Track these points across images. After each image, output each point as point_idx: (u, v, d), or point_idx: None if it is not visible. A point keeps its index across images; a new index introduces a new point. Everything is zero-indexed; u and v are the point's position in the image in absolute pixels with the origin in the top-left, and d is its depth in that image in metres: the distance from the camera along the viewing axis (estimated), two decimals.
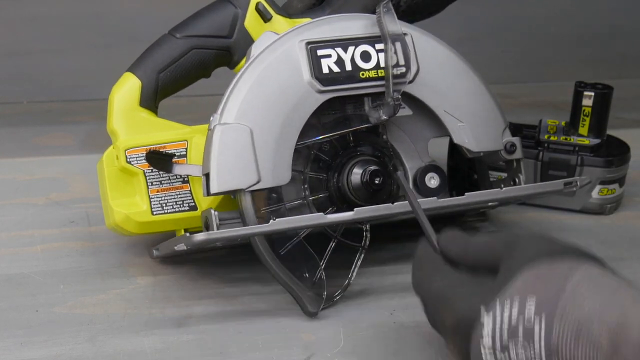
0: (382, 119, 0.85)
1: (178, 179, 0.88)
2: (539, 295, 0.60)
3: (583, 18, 1.55)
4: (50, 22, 1.37)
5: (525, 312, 0.60)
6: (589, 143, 1.04)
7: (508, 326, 0.61)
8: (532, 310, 0.60)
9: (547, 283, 0.61)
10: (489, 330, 0.62)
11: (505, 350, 0.61)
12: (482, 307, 0.62)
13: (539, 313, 0.59)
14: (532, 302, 0.60)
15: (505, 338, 0.61)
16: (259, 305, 0.85)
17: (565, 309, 0.59)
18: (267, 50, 0.83)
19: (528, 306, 0.60)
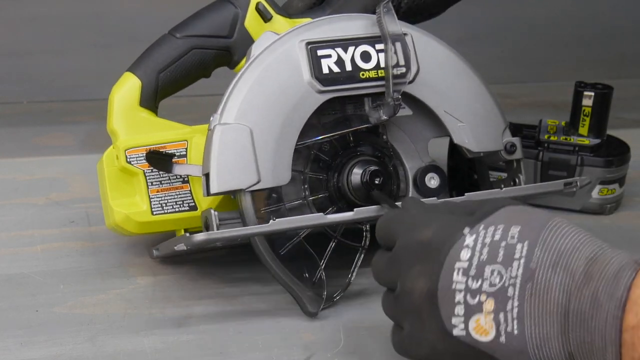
0: (382, 119, 0.85)
1: (178, 179, 0.88)
2: (523, 225, 0.61)
3: (583, 18, 1.55)
4: (50, 22, 1.37)
5: (507, 237, 0.60)
6: (589, 143, 1.04)
7: (488, 249, 0.61)
8: (515, 236, 0.60)
9: (531, 217, 0.62)
10: (468, 252, 0.61)
11: (479, 277, 0.60)
12: (467, 228, 0.62)
13: (521, 240, 0.60)
14: (516, 230, 0.61)
15: (484, 260, 0.60)
16: (259, 305, 0.85)
17: (547, 239, 0.60)
18: (267, 50, 0.83)
19: (512, 232, 0.61)
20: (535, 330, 0.59)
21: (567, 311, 0.59)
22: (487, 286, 0.60)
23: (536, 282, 0.59)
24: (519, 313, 0.59)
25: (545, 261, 0.59)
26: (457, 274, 0.61)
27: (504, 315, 0.60)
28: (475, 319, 0.61)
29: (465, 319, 0.61)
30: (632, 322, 0.56)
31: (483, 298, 0.60)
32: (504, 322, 0.60)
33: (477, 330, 0.61)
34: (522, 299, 0.59)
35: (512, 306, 0.60)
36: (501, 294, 0.60)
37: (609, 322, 0.57)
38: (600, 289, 0.57)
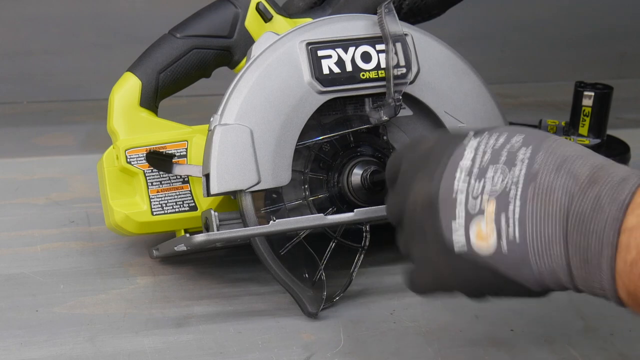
0: (382, 120, 0.85)
1: (178, 179, 0.88)
2: (527, 134, 0.59)
3: (583, 18, 1.55)
4: (50, 22, 1.37)
5: (511, 141, 0.59)
6: (589, 143, 1.04)
7: (492, 151, 0.59)
8: (520, 141, 0.59)
9: (533, 130, 0.60)
10: (471, 151, 0.60)
11: (482, 176, 0.59)
12: (471, 132, 0.61)
13: (525, 144, 0.59)
14: (520, 137, 0.59)
15: (487, 160, 0.59)
16: (259, 305, 0.85)
17: (551, 145, 0.58)
18: (267, 50, 0.83)
19: (516, 139, 0.59)
20: (536, 233, 0.57)
21: (567, 213, 0.56)
22: (489, 187, 0.58)
23: (539, 183, 0.57)
24: (521, 215, 0.57)
25: (549, 164, 0.57)
26: (460, 172, 0.60)
27: (505, 218, 0.58)
28: (476, 225, 0.58)
29: (466, 223, 0.59)
30: (632, 223, 0.54)
31: (485, 200, 0.58)
32: (505, 224, 0.58)
33: (479, 237, 0.58)
34: (524, 201, 0.57)
35: (513, 207, 0.57)
36: (503, 195, 0.58)
37: (609, 224, 0.55)
38: (604, 192, 0.55)
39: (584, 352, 0.79)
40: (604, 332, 0.81)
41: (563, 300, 0.85)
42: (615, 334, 0.81)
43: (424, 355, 0.78)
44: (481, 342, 0.80)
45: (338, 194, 0.85)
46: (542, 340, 0.80)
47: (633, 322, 0.82)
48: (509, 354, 0.78)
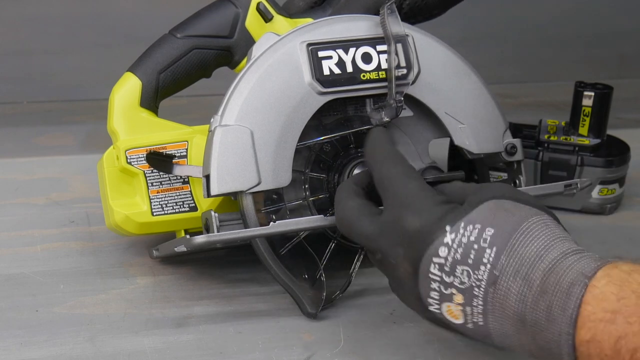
0: (383, 121, 0.85)
1: (178, 180, 0.88)
2: (497, 228, 0.65)
3: (583, 18, 1.55)
4: (50, 22, 1.37)
5: (480, 240, 0.65)
6: (589, 143, 1.04)
7: (463, 249, 0.65)
8: (487, 240, 0.65)
9: (507, 218, 0.66)
10: (445, 250, 0.66)
11: (452, 273, 0.66)
12: (448, 226, 0.66)
13: (491, 245, 0.65)
14: (489, 233, 0.65)
15: (457, 259, 0.65)
16: (259, 305, 0.85)
17: (514, 246, 0.64)
18: (268, 51, 0.83)
19: (485, 235, 0.65)
20: (497, 326, 0.65)
21: (524, 319, 0.63)
22: (457, 283, 0.66)
23: (498, 288, 0.64)
24: (484, 310, 0.65)
25: (507, 269, 0.64)
26: (434, 267, 0.66)
27: (470, 309, 0.66)
28: (447, 305, 0.67)
29: (439, 303, 0.67)
30: (586, 337, 0.60)
31: (454, 291, 0.66)
32: (470, 314, 0.66)
33: (449, 314, 0.67)
34: (485, 301, 0.65)
35: (477, 304, 0.65)
36: (468, 292, 0.65)
37: (563, 338, 0.61)
38: (554, 303, 0.61)
39: None
40: None
41: None
42: None
43: (424, 355, 0.78)
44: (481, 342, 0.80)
45: None
46: None
47: None
48: (509, 354, 0.78)
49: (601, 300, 0.60)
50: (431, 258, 0.67)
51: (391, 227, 0.70)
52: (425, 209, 0.68)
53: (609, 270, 0.61)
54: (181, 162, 0.87)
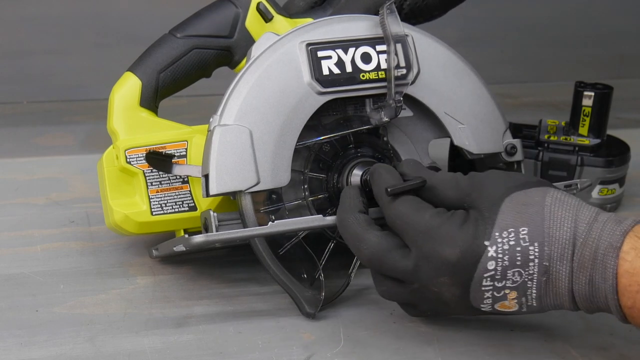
0: (383, 121, 0.85)
1: (178, 180, 0.88)
2: (529, 225, 0.71)
3: (583, 18, 1.55)
4: (50, 22, 1.37)
5: (520, 241, 0.71)
6: (589, 143, 1.04)
7: (508, 255, 0.71)
8: (526, 239, 0.71)
9: (530, 211, 0.72)
10: (493, 263, 0.71)
11: (504, 278, 0.71)
12: (486, 242, 0.71)
13: (532, 241, 0.71)
14: (525, 232, 0.71)
15: (506, 265, 0.71)
16: (259, 305, 0.85)
17: (550, 234, 0.71)
18: (267, 51, 0.83)
19: (522, 236, 0.71)
20: (550, 303, 0.73)
21: (572, 292, 0.71)
22: (510, 284, 0.72)
23: (550, 275, 0.71)
24: (538, 296, 0.72)
25: (554, 256, 0.71)
26: (486, 281, 0.72)
27: (525, 299, 0.72)
28: (500, 303, 0.73)
29: (492, 304, 0.73)
30: (628, 304, 0.69)
31: (507, 291, 0.72)
32: (524, 302, 0.73)
33: (502, 307, 0.73)
34: (539, 288, 0.72)
35: (531, 293, 0.72)
36: (522, 287, 0.72)
37: (610, 301, 0.70)
38: (595, 276, 0.70)
39: (584, 352, 0.79)
40: (604, 332, 0.81)
41: None
42: (615, 334, 0.81)
43: (424, 355, 0.78)
44: (481, 342, 0.80)
45: (337, 195, 0.85)
46: (542, 340, 0.80)
47: None
48: (509, 354, 0.78)
49: (633, 274, 0.69)
50: (482, 275, 0.72)
51: (427, 262, 0.73)
52: (454, 236, 0.72)
53: (635, 242, 0.69)
54: (180, 161, 0.87)
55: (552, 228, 0.71)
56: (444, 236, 0.72)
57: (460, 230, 0.72)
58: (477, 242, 0.71)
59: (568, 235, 0.71)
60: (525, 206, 0.72)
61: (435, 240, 0.73)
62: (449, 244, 0.72)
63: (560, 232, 0.71)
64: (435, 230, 0.73)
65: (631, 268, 0.69)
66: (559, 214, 0.71)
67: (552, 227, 0.71)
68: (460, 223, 0.73)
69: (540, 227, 0.71)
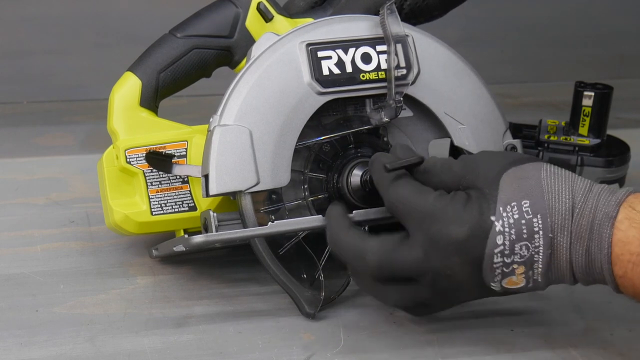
0: (383, 121, 0.85)
1: (178, 180, 0.88)
2: (530, 197, 0.72)
3: (583, 18, 1.55)
4: (50, 22, 1.37)
5: (524, 214, 0.72)
6: (589, 143, 1.03)
7: (515, 229, 0.72)
8: (529, 212, 0.72)
9: (529, 184, 0.73)
10: (501, 237, 0.72)
11: (512, 252, 0.72)
12: (492, 217, 0.72)
13: (535, 214, 0.72)
14: (527, 205, 0.72)
15: (514, 239, 0.72)
16: (259, 305, 0.85)
17: (551, 205, 0.72)
18: (267, 51, 0.83)
19: (525, 208, 0.72)
20: (554, 278, 0.74)
21: (571, 263, 0.72)
22: (518, 258, 0.72)
23: (554, 247, 0.72)
24: (544, 270, 0.73)
25: (556, 227, 0.72)
26: (497, 257, 0.72)
27: (532, 273, 0.73)
28: (508, 279, 0.73)
29: (501, 280, 0.73)
30: (619, 273, 0.71)
31: (515, 266, 0.72)
32: (532, 276, 0.73)
33: (509, 284, 0.74)
34: (545, 263, 0.72)
35: (537, 266, 0.72)
36: (529, 260, 0.72)
37: (605, 271, 0.71)
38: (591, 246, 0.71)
39: (584, 352, 0.79)
40: (604, 332, 0.81)
41: (563, 300, 0.85)
42: (615, 334, 0.81)
43: (424, 355, 0.78)
44: (481, 342, 0.80)
45: (337, 195, 0.85)
46: (542, 340, 0.80)
47: (633, 322, 0.82)
48: (509, 354, 0.78)
49: (626, 243, 0.70)
50: (493, 250, 0.72)
51: (436, 245, 0.73)
52: (460, 214, 0.73)
53: (629, 213, 0.70)
54: (180, 161, 0.87)
55: (552, 200, 0.72)
56: (450, 216, 0.73)
57: (465, 210, 0.73)
58: (484, 218, 0.72)
59: (567, 205, 0.72)
60: (523, 180, 0.73)
61: (442, 222, 0.73)
62: (456, 224, 0.72)
63: (560, 203, 0.72)
64: (441, 211, 0.73)
65: (624, 237, 0.70)
66: (556, 186, 0.73)
67: (551, 198, 0.72)
68: (464, 203, 0.73)
69: (540, 199, 0.72)
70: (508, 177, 0.73)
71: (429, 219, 0.73)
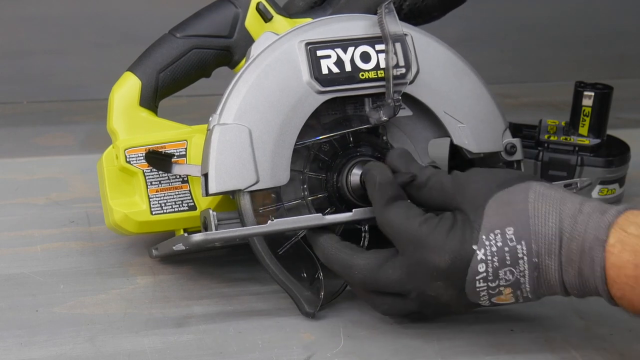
0: (382, 120, 0.85)
1: (177, 179, 0.88)
2: (514, 224, 0.72)
3: (583, 18, 1.55)
4: (50, 22, 1.37)
5: (507, 241, 0.72)
6: (589, 143, 1.04)
7: (497, 257, 0.72)
8: (513, 238, 0.72)
9: (514, 210, 0.73)
10: (483, 265, 0.73)
11: (496, 278, 0.73)
12: (474, 245, 0.73)
13: (519, 240, 0.72)
14: (511, 232, 0.72)
15: (497, 266, 0.73)
16: (259, 305, 0.85)
17: (536, 231, 0.72)
18: (266, 50, 0.83)
19: (508, 236, 0.72)
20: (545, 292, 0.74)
21: (563, 282, 0.73)
22: (503, 282, 0.73)
23: (540, 269, 0.72)
24: (532, 289, 0.73)
25: (541, 252, 0.72)
26: (479, 282, 0.73)
27: (520, 292, 0.74)
28: (497, 298, 0.74)
29: (489, 299, 0.75)
30: (617, 295, 0.70)
31: (502, 288, 0.74)
32: (520, 295, 0.74)
33: (500, 300, 0.75)
34: (532, 283, 0.73)
35: (524, 287, 0.73)
36: (515, 283, 0.73)
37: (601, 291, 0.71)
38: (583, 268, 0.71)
39: (584, 352, 0.79)
40: (604, 332, 0.81)
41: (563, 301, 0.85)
42: (615, 334, 0.81)
43: (424, 355, 0.78)
44: (481, 342, 0.80)
45: (337, 194, 0.85)
46: (542, 340, 0.80)
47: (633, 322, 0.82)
48: (509, 354, 0.78)
49: (620, 267, 0.69)
50: (474, 277, 0.73)
51: (418, 268, 0.75)
52: (442, 244, 0.74)
53: (620, 235, 0.70)
54: (180, 161, 0.87)
55: (537, 225, 0.72)
56: (432, 245, 0.74)
57: (448, 238, 0.74)
58: (465, 247, 0.73)
59: (553, 230, 0.72)
60: (509, 205, 0.73)
61: (425, 249, 0.74)
62: (438, 253, 0.74)
63: (545, 228, 0.72)
64: (424, 239, 0.75)
65: (618, 261, 0.69)
66: (542, 209, 0.73)
67: (537, 223, 0.72)
68: (448, 229, 0.74)
69: (525, 225, 0.72)
70: (494, 203, 0.74)
71: (412, 244, 0.75)
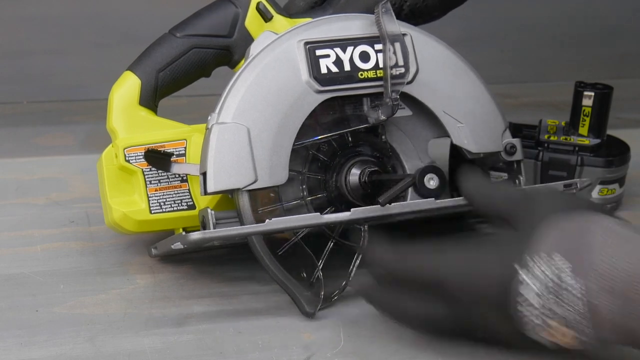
0: (380, 120, 0.85)
1: (177, 178, 0.88)
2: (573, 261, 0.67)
3: (583, 18, 1.55)
4: (50, 22, 1.37)
5: (562, 278, 0.67)
6: (589, 143, 1.04)
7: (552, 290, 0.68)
8: (570, 276, 0.67)
9: (573, 241, 0.68)
10: (534, 296, 0.68)
11: (550, 316, 0.68)
12: (521, 274, 0.69)
13: (577, 279, 0.67)
14: (567, 268, 0.67)
15: (551, 302, 0.68)
16: (259, 304, 0.85)
17: (598, 267, 0.66)
18: (265, 49, 0.83)
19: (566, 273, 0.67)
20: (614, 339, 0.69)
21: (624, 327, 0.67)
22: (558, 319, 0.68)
23: (601, 315, 0.67)
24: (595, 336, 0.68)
25: (600, 295, 0.67)
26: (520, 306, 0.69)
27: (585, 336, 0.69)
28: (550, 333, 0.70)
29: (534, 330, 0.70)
30: None
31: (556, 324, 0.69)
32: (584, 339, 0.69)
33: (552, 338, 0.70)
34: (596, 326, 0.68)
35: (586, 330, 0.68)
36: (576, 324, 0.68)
37: None
38: None
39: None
40: None
41: None
42: None
43: (424, 356, 0.78)
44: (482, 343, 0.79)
45: (336, 194, 0.85)
46: None
47: None
48: (509, 354, 0.78)
49: None
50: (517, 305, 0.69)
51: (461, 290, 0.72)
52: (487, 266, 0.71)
53: None
54: (179, 160, 0.87)
55: (600, 262, 0.67)
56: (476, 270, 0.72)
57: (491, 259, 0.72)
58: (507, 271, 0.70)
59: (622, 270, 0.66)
60: (566, 233, 0.69)
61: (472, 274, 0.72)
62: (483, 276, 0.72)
63: (608, 266, 0.67)
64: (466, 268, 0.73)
65: None
66: (609, 250, 0.67)
67: (599, 260, 0.67)
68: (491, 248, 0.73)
69: (586, 263, 0.67)
70: (550, 223, 0.70)
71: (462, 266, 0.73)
